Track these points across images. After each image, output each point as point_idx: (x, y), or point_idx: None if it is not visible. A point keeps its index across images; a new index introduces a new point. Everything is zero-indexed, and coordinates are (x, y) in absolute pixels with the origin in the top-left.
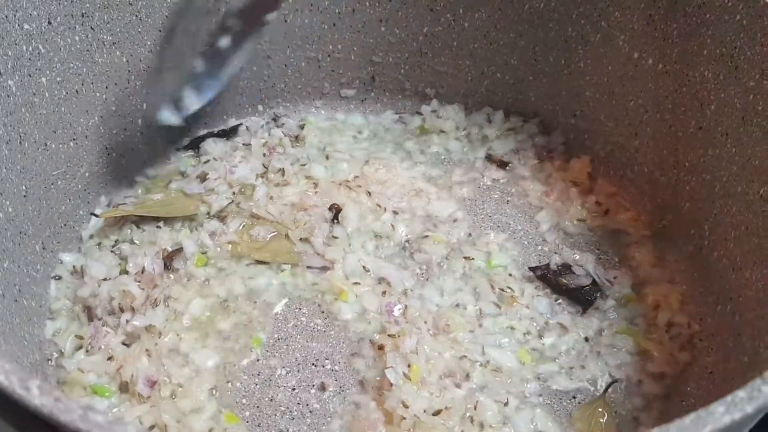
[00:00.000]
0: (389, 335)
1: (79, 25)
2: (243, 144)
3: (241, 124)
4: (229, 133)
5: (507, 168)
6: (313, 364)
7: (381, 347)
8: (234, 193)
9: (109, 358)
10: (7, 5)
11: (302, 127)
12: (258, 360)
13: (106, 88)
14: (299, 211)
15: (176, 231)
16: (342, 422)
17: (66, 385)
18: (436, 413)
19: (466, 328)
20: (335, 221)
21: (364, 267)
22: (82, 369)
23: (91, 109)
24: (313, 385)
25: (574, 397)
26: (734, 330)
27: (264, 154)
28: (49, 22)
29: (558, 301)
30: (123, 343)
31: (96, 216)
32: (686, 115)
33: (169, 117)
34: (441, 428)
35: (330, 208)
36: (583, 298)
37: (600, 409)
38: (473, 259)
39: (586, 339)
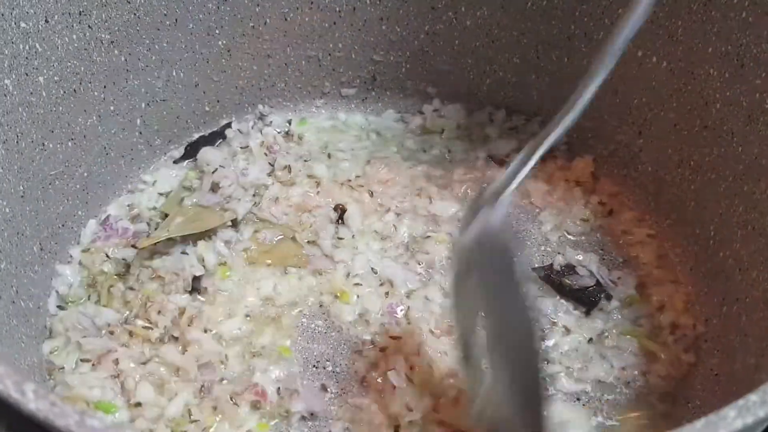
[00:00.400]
0: (391, 336)
1: (77, 24)
2: (240, 147)
3: (230, 125)
4: (217, 135)
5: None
6: (314, 365)
7: (383, 349)
8: (253, 195)
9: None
10: (4, 3)
11: (290, 122)
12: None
13: (104, 87)
14: (303, 212)
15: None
16: (343, 425)
17: (68, 400)
18: None
19: None
20: (340, 222)
21: (372, 268)
22: (86, 384)
23: (89, 108)
24: (314, 388)
25: (578, 399)
26: (740, 331)
27: (265, 153)
28: (47, 21)
29: (561, 302)
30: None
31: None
32: (691, 114)
33: None
34: None
35: (335, 209)
36: (586, 299)
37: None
38: None
39: (590, 340)
